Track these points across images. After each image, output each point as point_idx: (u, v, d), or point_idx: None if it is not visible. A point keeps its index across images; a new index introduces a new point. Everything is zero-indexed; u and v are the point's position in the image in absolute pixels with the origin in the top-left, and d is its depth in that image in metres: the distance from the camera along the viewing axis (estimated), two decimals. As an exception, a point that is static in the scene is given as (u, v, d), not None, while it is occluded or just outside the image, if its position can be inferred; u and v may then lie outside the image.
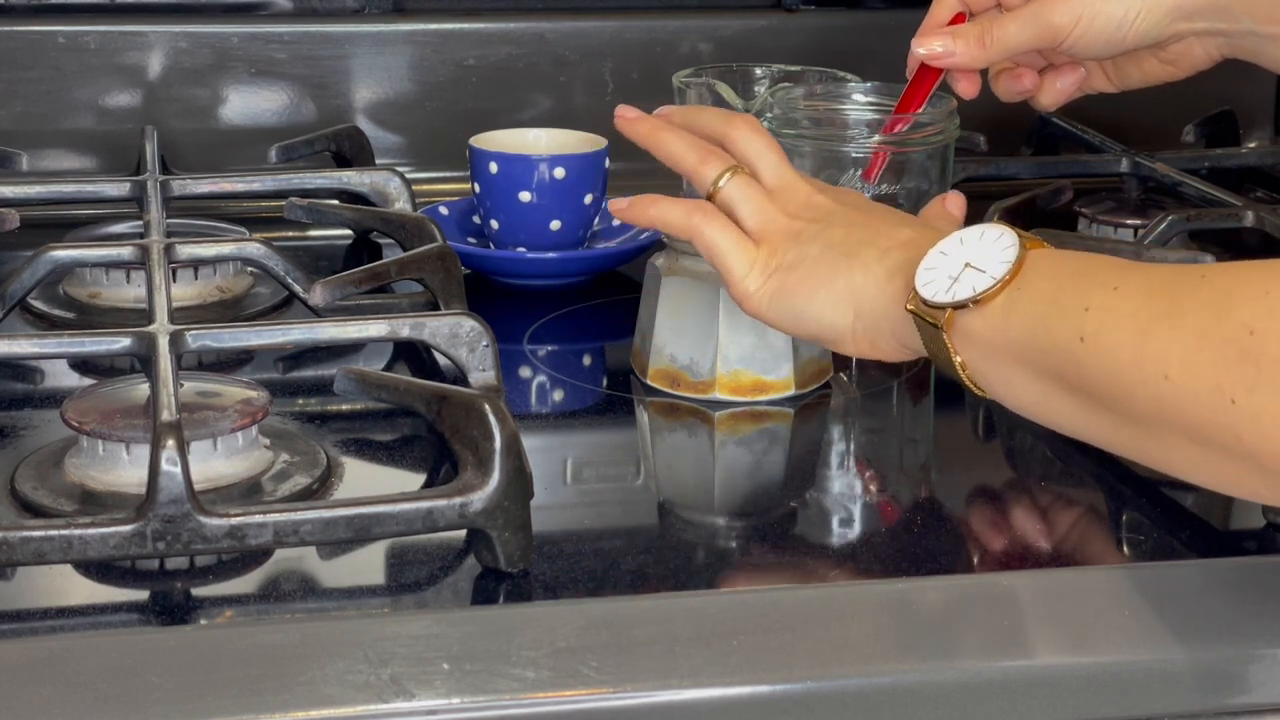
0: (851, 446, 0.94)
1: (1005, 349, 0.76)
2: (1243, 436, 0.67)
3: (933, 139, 1.05)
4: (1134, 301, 0.71)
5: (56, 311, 1.07)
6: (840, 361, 0.99)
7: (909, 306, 0.79)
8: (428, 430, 0.87)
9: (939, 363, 0.79)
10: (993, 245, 0.78)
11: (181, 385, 0.83)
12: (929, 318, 0.78)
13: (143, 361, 0.87)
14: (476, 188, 1.18)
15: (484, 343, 0.90)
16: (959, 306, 0.77)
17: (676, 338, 0.97)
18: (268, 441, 0.85)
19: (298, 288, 1.00)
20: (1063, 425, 0.76)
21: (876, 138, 1.04)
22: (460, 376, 0.90)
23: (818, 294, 0.84)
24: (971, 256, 0.78)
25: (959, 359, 0.78)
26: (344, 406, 0.95)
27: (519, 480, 0.75)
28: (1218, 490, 0.72)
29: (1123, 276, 0.73)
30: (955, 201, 0.93)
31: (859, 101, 1.10)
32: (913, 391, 1.01)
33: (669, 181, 0.96)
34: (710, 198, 0.89)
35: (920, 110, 1.05)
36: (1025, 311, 0.75)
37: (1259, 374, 0.66)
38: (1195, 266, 0.71)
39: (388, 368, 1.01)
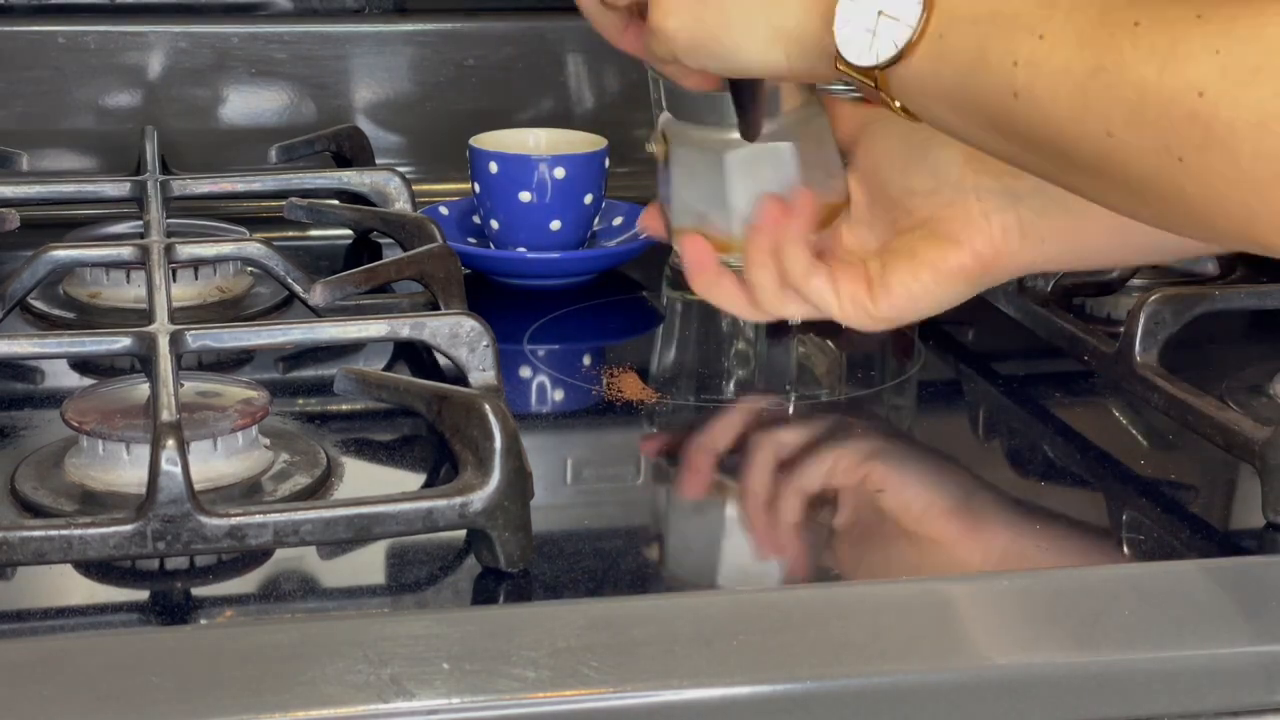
0: (850, 447, 0.93)
1: (940, 98, 0.74)
2: (1188, 192, 0.65)
3: None
4: (1065, 52, 0.68)
5: (56, 311, 1.07)
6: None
7: (839, 67, 0.76)
8: (428, 430, 0.87)
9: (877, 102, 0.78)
10: None
11: (181, 385, 0.83)
12: (860, 78, 0.76)
13: (143, 361, 0.87)
14: (476, 188, 1.18)
15: (484, 343, 0.90)
16: (885, 66, 0.74)
17: (695, 199, 0.91)
18: (268, 441, 0.85)
19: (298, 288, 1.00)
20: (1006, 161, 0.74)
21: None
22: (460, 376, 0.90)
23: (744, 37, 0.79)
24: (881, 3, 0.75)
25: (898, 104, 0.76)
26: (344, 406, 0.95)
27: (519, 480, 0.75)
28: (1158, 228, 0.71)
29: (1047, 20, 0.69)
30: None
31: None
32: (909, 390, 1.01)
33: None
34: None
35: None
36: (953, 64, 0.73)
37: (1208, 136, 0.63)
38: (1126, 9, 0.67)
39: (388, 368, 1.01)
